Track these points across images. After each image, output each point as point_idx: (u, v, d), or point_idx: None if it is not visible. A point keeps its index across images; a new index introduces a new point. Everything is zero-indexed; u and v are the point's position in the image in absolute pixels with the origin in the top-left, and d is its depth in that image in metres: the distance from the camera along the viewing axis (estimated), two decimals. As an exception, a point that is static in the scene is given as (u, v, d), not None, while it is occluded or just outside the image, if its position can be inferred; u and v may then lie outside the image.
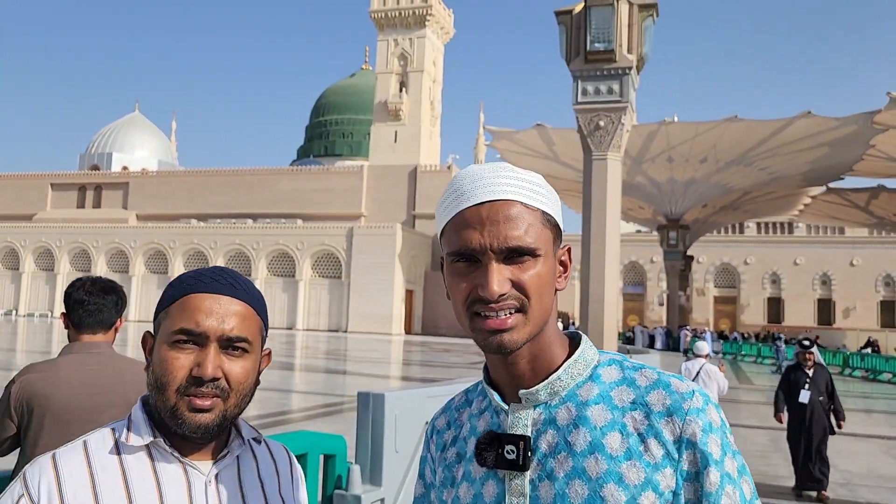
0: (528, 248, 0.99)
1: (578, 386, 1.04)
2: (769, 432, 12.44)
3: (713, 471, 0.96)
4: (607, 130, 17.59)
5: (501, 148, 50.36)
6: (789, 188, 50.41)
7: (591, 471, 0.98)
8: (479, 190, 1.02)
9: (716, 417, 0.99)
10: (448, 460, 1.13)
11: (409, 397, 4.25)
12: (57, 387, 2.45)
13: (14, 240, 65.63)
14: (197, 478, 1.11)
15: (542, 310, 1.02)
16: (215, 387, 1.09)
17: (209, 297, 1.12)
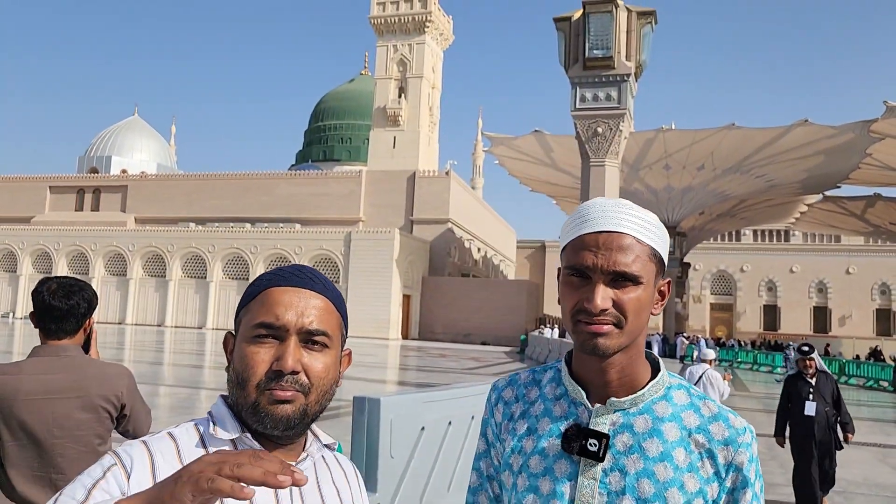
0: (631, 275, 1.20)
1: (654, 402, 1.26)
2: (765, 440, 12.43)
3: (749, 491, 1.23)
4: (605, 137, 17.66)
5: (499, 154, 50.43)
6: (786, 196, 50.53)
7: (659, 475, 1.20)
8: (601, 220, 1.23)
9: (756, 450, 1.26)
10: (518, 431, 1.33)
11: (405, 402, 4.26)
12: (18, 389, 2.45)
13: (12, 242, 65.51)
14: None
15: (636, 328, 1.23)
16: (295, 381, 1.07)
17: (289, 290, 1.12)
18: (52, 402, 2.47)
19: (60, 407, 2.48)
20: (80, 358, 2.59)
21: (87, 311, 2.60)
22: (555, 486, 1.25)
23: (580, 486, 1.23)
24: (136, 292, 61.70)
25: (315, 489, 1.14)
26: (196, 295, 60.87)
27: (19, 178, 75.47)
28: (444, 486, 4.46)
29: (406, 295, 58.02)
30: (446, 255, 63.60)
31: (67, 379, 2.51)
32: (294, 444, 1.14)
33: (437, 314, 59.55)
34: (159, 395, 14.16)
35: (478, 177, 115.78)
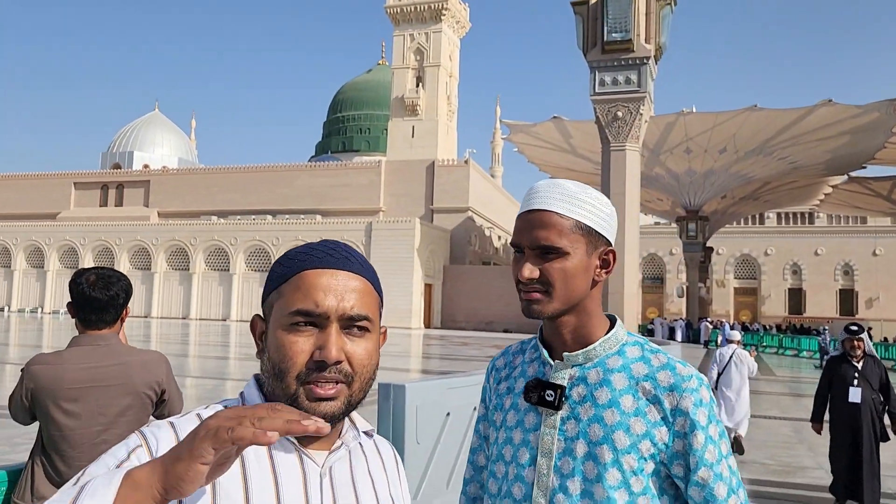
0: (553, 247, 1.34)
1: (608, 356, 1.39)
2: (792, 423, 12.36)
3: (700, 433, 1.31)
4: (625, 121, 17.51)
5: (518, 141, 50.22)
6: (810, 178, 49.84)
7: (607, 419, 1.33)
8: (532, 201, 1.39)
9: (706, 395, 1.34)
10: (500, 391, 1.52)
11: (430, 388, 4.27)
12: (62, 379, 2.52)
13: (39, 238, 66.49)
14: (312, 469, 1.03)
15: (568, 294, 1.37)
16: (338, 371, 1.01)
17: (325, 272, 1.05)
18: (97, 391, 2.54)
19: (104, 395, 2.55)
20: (119, 346, 2.66)
21: (124, 300, 2.68)
22: (524, 436, 1.41)
23: (542, 434, 1.38)
24: (160, 286, 62.40)
25: (348, 480, 1.08)
26: (220, 287, 61.45)
27: (45, 176, 76.48)
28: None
29: (427, 284, 58.12)
30: (467, 244, 63.57)
31: (110, 367, 2.58)
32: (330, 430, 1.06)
33: (458, 303, 59.62)
34: (186, 386, 14.35)
35: (497, 165, 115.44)
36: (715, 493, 1.32)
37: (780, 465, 8.80)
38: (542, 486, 1.36)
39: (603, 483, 1.30)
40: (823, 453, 9.54)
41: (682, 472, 1.33)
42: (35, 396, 2.52)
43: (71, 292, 2.63)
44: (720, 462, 1.32)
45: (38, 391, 2.51)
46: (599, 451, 1.31)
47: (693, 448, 1.31)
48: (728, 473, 1.34)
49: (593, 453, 1.32)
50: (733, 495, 1.34)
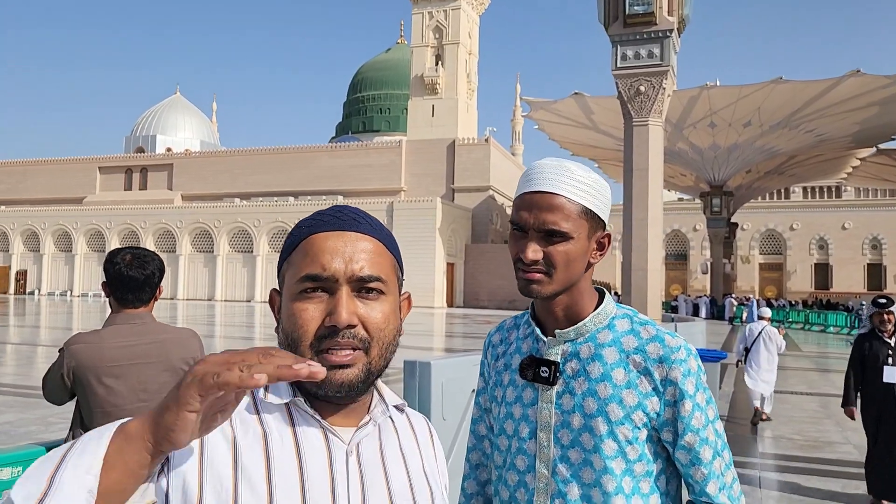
0: (560, 231, 1.37)
1: (598, 331, 1.44)
2: (819, 399, 12.29)
3: (687, 402, 1.38)
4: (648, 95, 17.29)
5: (539, 118, 49.85)
6: (837, 150, 48.99)
7: (600, 392, 1.39)
8: (539, 181, 1.40)
9: (693, 365, 1.40)
10: (498, 367, 1.58)
11: (456, 366, 4.29)
12: (102, 357, 2.59)
13: (66, 223, 67.43)
14: (338, 446, 0.98)
15: (567, 277, 1.40)
16: (353, 336, 0.95)
17: (332, 235, 0.99)
18: (137, 368, 2.62)
19: (144, 372, 2.63)
20: (155, 324, 2.74)
21: (159, 279, 2.75)
22: (524, 411, 1.47)
23: (539, 409, 1.44)
24: (185, 268, 63.09)
25: (377, 457, 1.02)
26: (244, 269, 62.02)
27: (70, 161, 77.37)
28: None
29: (450, 263, 58.21)
30: (488, 223, 63.47)
31: (148, 345, 2.66)
32: (355, 403, 1.02)
33: (481, 281, 59.68)
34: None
35: (517, 143, 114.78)
36: (700, 455, 1.39)
37: (808, 440, 8.76)
38: (543, 457, 1.43)
39: (600, 453, 1.37)
40: (851, 428, 9.49)
41: (671, 437, 1.40)
42: (77, 374, 2.59)
43: (106, 272, 2.68)
44: (706, 427, 1.39)
45: (79, 369, 2.58)
46: (595, 423, 1.38)
47: (681, 415, 1.37)
48: (714, 437, 1.41)
49: (589, 425, 1.38)
50: (718, 457, 1.41)
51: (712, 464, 1.40)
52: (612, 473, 1.37)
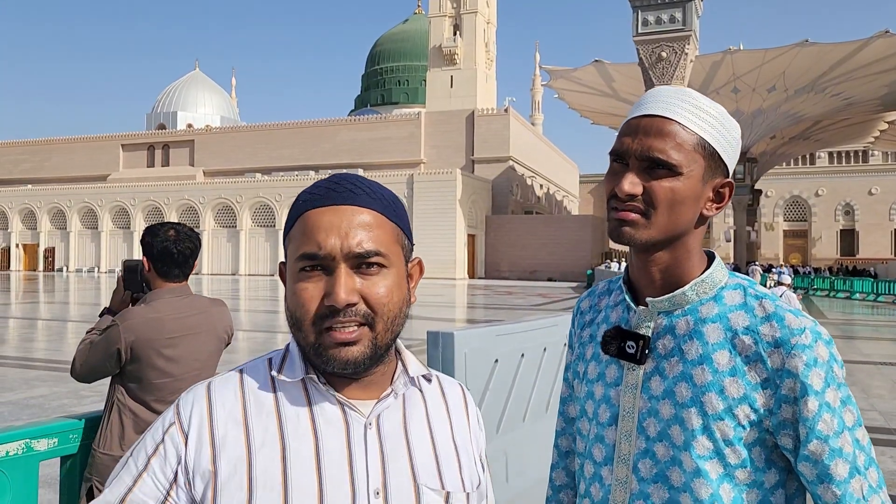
0: (666, 162, 1.11)
1: (702, 303, 1.16)
2: (845, 365, 12.20)
3: (812, 400, 1.06)
4: (670, 62, 17.04)
5: (559, 87, 49.38)
6: (864, 114, 48.06)
7: (696, 378, 1.12)
8: (651, 104, 1.15)
9: (823, 353, 1.08)
10: (583, 338, 1.34)
11: (479, 336, 4.33)
12: (162, 329, 2.69)
13: (91, 200, 68.30)
14: (356, 420, 0.98)
15: (668, 222, 1.13)
16: (355, 313, 0.93)
17: (327, 210, 0.96)
18: (189, 338, 2.76)
19: (196, 341, 2.78)
20: (198, 297, 2.87)
21: (199, 251, 2.86)
22: (605, 391, 1.23)
23: (622, 391, 1.20)
24: (209, 243, 63.73)
25: (399, 429, 1.01)
26: (266, 243, 62.54)
27: (94, 138, 78.11)
28: (520, 416, 4.56)
29: (471, 234, 58.23)
30: (509, 194, 63.28)
31: (197, 316, 2.81)
32: (373, 375, 1.01)
33: (502, 252, 59.68)
34: (238, 339, 14.76)
35: (537, 112, 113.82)
36: (831, 471, 1.07)
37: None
38: (622, 450, 1.19)
39: (691, 452, 1.11)
40: (877, 395, 9.45)
41: (791, 443, 1.10)
42: (136, 349, 2.67)
43: (150, 247, 2.75)
44: (840, 435, 1.07)
45: (139, 343, 2.66)
46: (687, 414, 1.12)
47: (803, 416, 1.07)
48: (852, 449, 1.08)
49: (680, 417, 1.13)
50: (857, 475, 1.07)
51: (848, 483, 1.07)
52: (706, 477, 1.10)
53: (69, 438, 2.51)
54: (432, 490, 0.99)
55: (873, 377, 11.02)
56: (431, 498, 0.99)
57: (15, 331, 17.17)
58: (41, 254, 69.79)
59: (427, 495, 0.99)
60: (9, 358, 12.18)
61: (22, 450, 2.23)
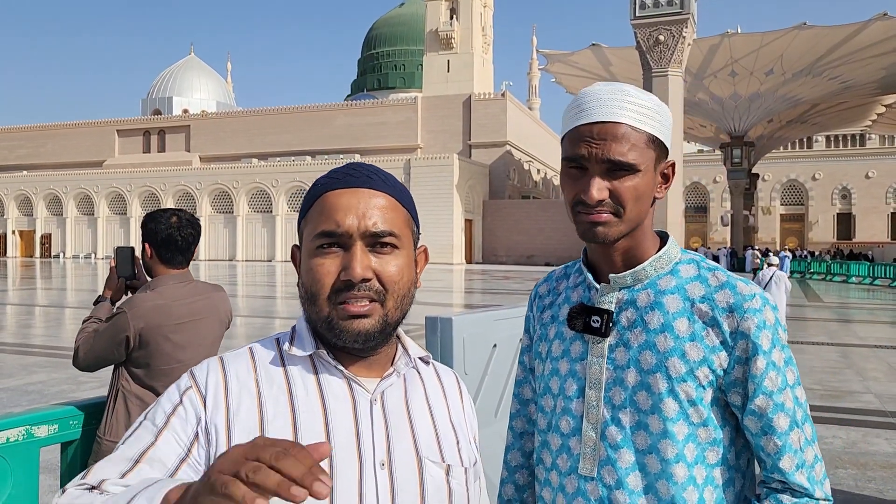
0: (627, 164, 1.19)
1: (660, 277, 1.27)
2: (840, 349, 12.28)
3: (760, 359, 1.18)
4: (667, 45, 16.96)
5: (556, 71, 49.21)
6: (862, 97, 47.98)
7: (660, 345, 1.21)
8: (596, 109, 1.21)
9: (770, 317, 1.20)
10: (544, 320, 1.41)
11: (477, 321, 4.34)
12: (170, 315, 2.70)
13: (87, 186, 68.08)
14: (362, 395, 1.03)
15: (636, 215, 1.23)
16: (368, 289, 0.99)
17: (346, 192, 1.03)
18: (195, 324, 2.77)
19: (202, 326, 2.80)
20: (199, 282, 2.88)
21: (198, 239, 2.86)
22: (571, 366, 1.30)
23: (589, 363, 1.27)
24: (206, 229, 63.57)
25: (401, 406, 1.07)
26: (263, 229, 62.46)
27: (90, 124, 77.73)
28: (518, 400, 4.60)
29: (468, 219, 58.20)
30: (506, 178, 63.19)
31: (202, 301, 2.82)
32: (377, 355, 1.06)
33: (499, 237, 59.70)
34: (236, 324, 14.77)
35: (534, 97, 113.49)
36: (774, 423, 1.19)
37: (828, 389, 8.78)
38: (591, 418, 1.26)
39: (659, 414, 1.20)
40: (873, 378, 9.50)
41: (740, 400, 1.21)
42: (144, 335, 2.67)
43: (153, 234, 2.75)
44: (782, 391, 1.19)
45: (148, 329, 2.67)
46: (653, 379, 1.21)
47: (752, 374, 1.19)
48: (792, 404, 1.20)
49: (646, 382, 1.21)
50: (796, 428, 1.20)
51: (788, 435, 1.19)
52: (672, 438, 1.20)
53: (70, 425, 2.51)
54: (434, 463, 1.05)
55: (868, 360, 11.07)
56: (433, 470, 1.04)
57: (13, 317, 17.16)
58: (38, 240, 69.64)
59: (429, 468, 1.04)
60: (7, 344, 12.18)
61: (22, 436, 2.24)
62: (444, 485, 1.05)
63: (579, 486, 1.26)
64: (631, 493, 1.22)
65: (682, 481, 1.20)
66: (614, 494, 1.23)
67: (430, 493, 1.03)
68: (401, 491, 1.01)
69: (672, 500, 1.20)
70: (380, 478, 1.00)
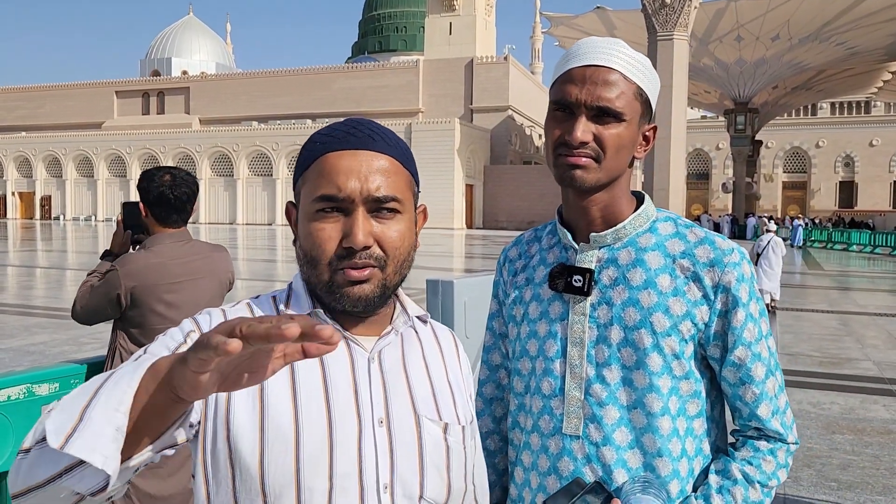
0: (614, 111, 1.20)
1: (639, 235, 1.28)
2: (840, 316, 12.31)
3: (741, 311, 1.22)
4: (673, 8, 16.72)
5: (560, 35, 48.62)
6: (868, 64, 47.48)
7: (643, 301, 1.23)
8: (590, 54, 1.23)
9: (748, 270, 1.24)
10: (518, 283, 1.40)
11: (478, 284, 4.32)
12: (164, 275, 2.66)
13: (87, 148, 67.72)
14: (360, 353, 1.03)
15: (615, 165, 1.24)
16: (369, 255, 0.98)
17: (346, 154, 0.99)
18: (191, 283, 2.72)
19: (198, 286, 2.74)
20: (198, 242, 2.82)
21: (195, 198, 2.80)
22: (550, 327, 1.30)
23: (571, 323, 1.28)
24: (206, 192, 63.44)
25: (398, 364, 1.06)
26: (264, 192, 62.31)
27: (87, 85, 77.05)
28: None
29: (469, 185, 58.02)
30: (507, 143, 62.84)
31: (199, 261, 2.77)
32: (376, 315, 1.05)
33: (500, 203, 59.57)
34: (237, 288, 14.83)
35: (537, 61, 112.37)
36: (752, 373, 1.23)
37: (827, 356, 8.82)
38: (575, 377, 1.26)
39: (644, 369, 1.22)
40: (872, 345, 9.55)
41: (719, 353, 1.24)
42: (136, 294, 2.65)
43: (146, 192, 2.71)
44: (759, 341, 1.23)
45: (141, 289, 2.64)
46: (637, 335, 1.22)
47: (732, 326, 1.22)
48: (767, 354, 1.24)
49: (630, 339, 1.22)
50: (771, 377, 1.24)
51: (765, 383, 1.23)
52: (657, 392, 1.22)
53: (70, 383, 2.51)
54: (431, 421, 1.04)
55: (868, 328, 11.11)
56: (431, 428, 1.04)
57: (14, 279, 17.20)
58: (37, 202, 69.51)
59: (427, 425, 1.04)
60: (8, 305, 12.22)
61: (23, 394, 2.24)
62: (442, 442, 1.05)
63: (564, 446, 1.26)
64: (618, 448, 1.23)
65: (667, 433, 1.22)
66: (601, 451, 1.24)
67: (427, 450, 1.03)
68: (399, 448, 1.01)
69: (658, 452, 1.22)
70: (378, 435, 0.99)
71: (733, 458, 1.25)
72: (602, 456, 1.23)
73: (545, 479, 1.29)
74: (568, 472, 1.26)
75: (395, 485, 0.99)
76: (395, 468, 1.00)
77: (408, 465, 1.01)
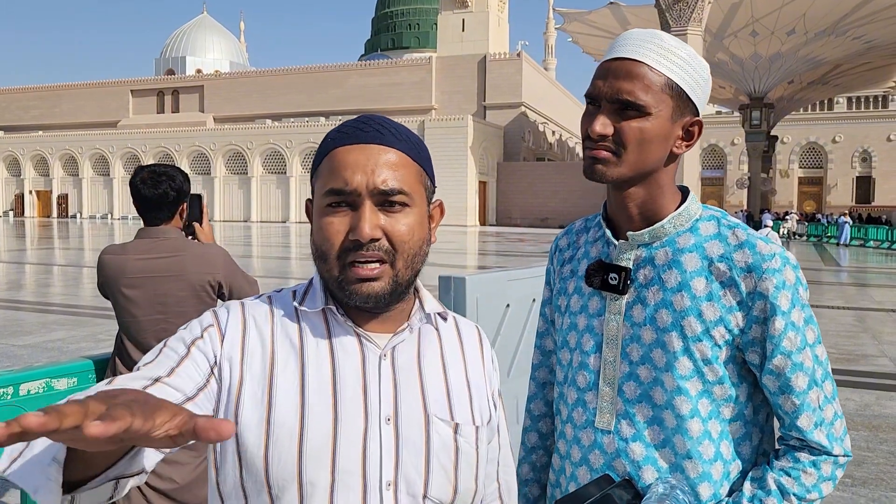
0: (634, 103, 1.17)
1: (679, 234, 1.25)
2: (855, 312, 12.22)
3: (779, 319, 1.17)
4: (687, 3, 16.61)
5: (573, 31, 48.47)
6: (886, 58, 46.97)
7: (676, 304, 1.21)
8: (620, 48, 1.21)
9: (790, 277, 1.18)
10: (564, 274, 1.42)
11: (491, 281, 4.33)
12: (124, 269, 2.67)
13: (102, 147, 68.25)
14: (372, 350, 1.03)
15: (638, 160, 1.20)
16: (377, 248, 0.97)
17: (354, 148, 0.99)
18: (154, 281, 2.66)
19: (162, 285, 2.66)
20: (179, 241, 2.73)
21: (176, 198, 2.72)
22: (588, 322, 1.31)
23: (606, 320, 1.28)
24: (220, 190, 63.80)
25: (412, 362, 1.05)
26: (278, 190, 62.54)
27: (103, 84, 77.59)
28: (530, 361, 4.62)
29: (482, 181, 57.96)
30: (520, 140, 62.70)
31: (166, 259, 2.68)
32: (392, 311, 1.05)
33: (513, 199, 59.47)
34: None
35: (550, 57, 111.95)
36: (791, 383, 1.19)
37: (843, 353, 8.76)
38: (608, 374, 1.27)
39: (673, 372, 1.20)
40: (888, 342, 9.47)
41: (758, 359, 1.21)
42: (104, 286, 2.73)
43: (130, 189, 2.76)
44: (802, 350, 1.18)
45: (106, 280, 2.71)
46: (668, 338, 1.20)
47: (770, 334, 1.17)
48: (811, 364, 1.19)
49: (662, 340, 1.21)
50: (815, 388, 1.19)
51: (807, 394, 1.18)
52: (686, 395, 1.20)
53: (88, 378, 2.56)
54: (442, 420, 1.03)
55: (885, 324, 11.02)
56: (440, 427, 1.03)
57: (32, 276, 17.39)
58: (54, 200, 70.15)
59: (436, 425, 1.03)
60: (27, 302, 12.36)
61: (42, 389, 2.28)
62: (452, 442, 1.04)
63: (596, 439, 1.28)
64: (648, 445, 1.24)
65: (696, 436, 1.21)
66: (630, 447, 1.24)
67: (435, 449, 1.02)
68: (405, 446, 1.00)
69: (688, 453, 1.21)
70: (385, 433, 0.99)
71: (771, 468, 1.21)
72: (632, 452, 1.24)
73: (577, 470, 1.31)
74: (598, 465, 1.27)
75: (398, 483, 0.99)
76: (399, 466, 0.99)
77: (413, 464, 1.00)
